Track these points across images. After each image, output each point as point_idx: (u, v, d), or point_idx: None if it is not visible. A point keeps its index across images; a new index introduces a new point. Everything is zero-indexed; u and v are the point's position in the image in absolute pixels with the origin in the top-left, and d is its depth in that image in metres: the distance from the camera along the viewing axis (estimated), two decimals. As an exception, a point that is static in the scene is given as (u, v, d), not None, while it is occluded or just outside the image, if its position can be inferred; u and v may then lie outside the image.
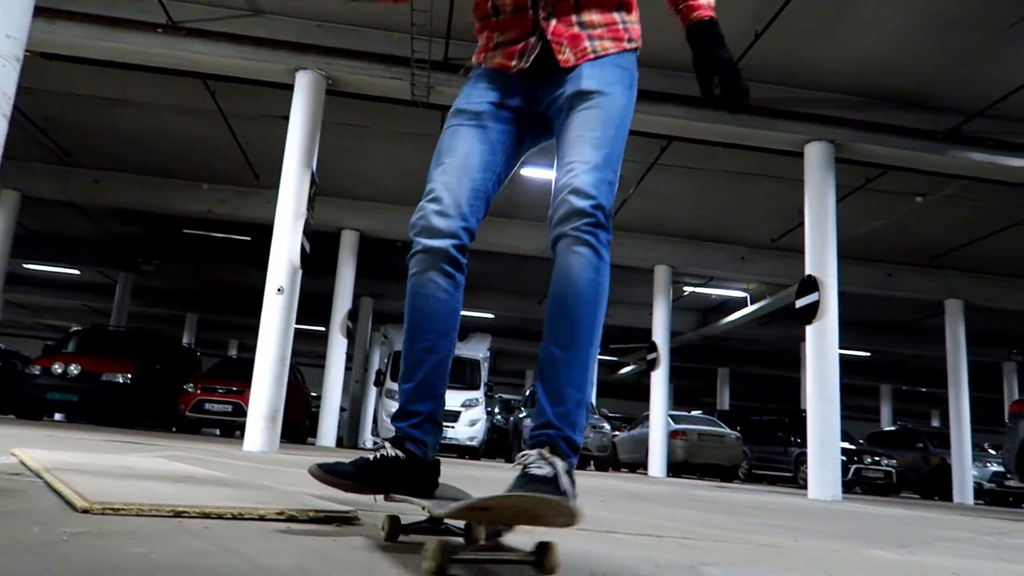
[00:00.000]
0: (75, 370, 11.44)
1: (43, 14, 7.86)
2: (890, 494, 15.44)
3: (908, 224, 12.89)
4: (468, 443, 14.24)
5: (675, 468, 15.09)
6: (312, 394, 17.21)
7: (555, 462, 1.34)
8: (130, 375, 11.74)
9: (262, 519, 1.66)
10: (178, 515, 1.58)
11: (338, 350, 13.66)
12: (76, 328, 15.60)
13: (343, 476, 1.50)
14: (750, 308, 17.93)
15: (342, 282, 13.93)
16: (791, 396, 22.28)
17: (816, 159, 9.29)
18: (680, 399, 30.33)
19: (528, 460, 1.35)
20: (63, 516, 1.49)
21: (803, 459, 10.71)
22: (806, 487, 8.86)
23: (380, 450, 1.57)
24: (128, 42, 8.33)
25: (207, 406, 12.52)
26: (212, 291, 21.68)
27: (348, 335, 13.96)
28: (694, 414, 18.33)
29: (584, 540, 1.83)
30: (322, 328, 15.91)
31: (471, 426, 14.31)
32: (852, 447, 15.21)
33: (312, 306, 14.52)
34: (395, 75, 8.66)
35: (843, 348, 9.20)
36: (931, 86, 9.01)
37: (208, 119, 10.97)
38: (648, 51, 2.13)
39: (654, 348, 14.95)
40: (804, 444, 9.38)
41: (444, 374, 1.65)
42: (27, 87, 9.65)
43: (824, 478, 8.41)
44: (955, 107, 9.25)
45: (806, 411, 9.05)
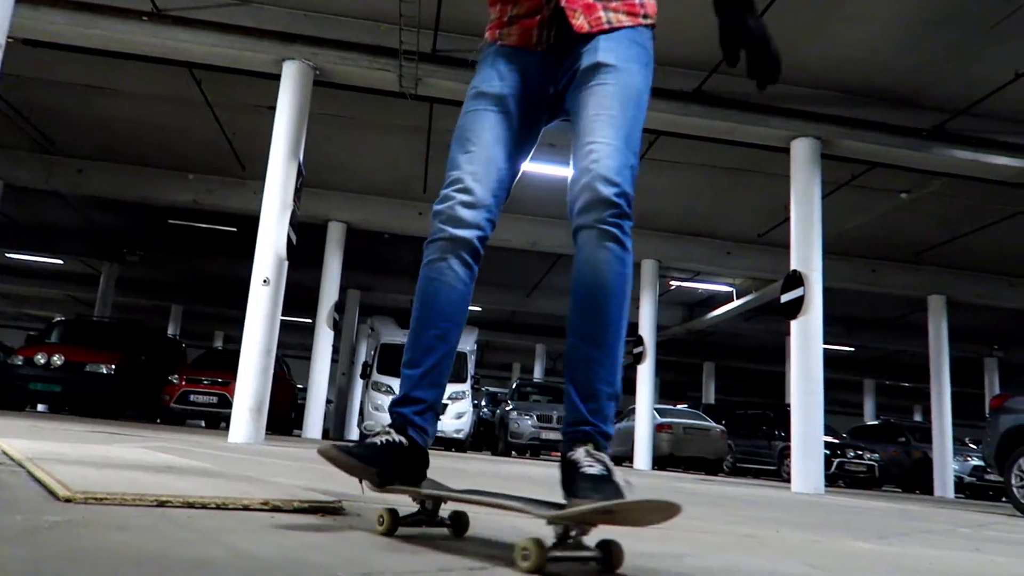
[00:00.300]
0: (58, 361, 11.34)
1: (26, 0, 7.75)
2: (872, 488, 15.60)
3: (892, 221, 12.98)
4: (455, 435, 14.25)
5: (660, 461, 15.17)
6: (298, 386, 17.17)
7: (604, 459, 1.36)
8: (114, 366, 11.65)
9: (246, 509, 1.66)
10: (161, 504, 1.58)
11: (324, 342, 13.62)
12: (59, 318, 15.44)
13: (355, 457, 1.49)
14: (736, 303, 18.01)
15: (329, 274, 13.88)
16: (776, 390, 22.41)
17: (802, 155, 9.34)
18: (666, 393, 30.43)
19: (578, 458, 1.37)
20: (45, 505, 1.48)
21: (787, 453, 10.79)
22: (790, 480, 8.93)
23: (385, 435, 1.55)
24: (113, 29, 8.24)
25: (192, 397, 12.45)
26: (197, 282, 21.54)
27: (334, 327, 13.92)
28: (680, 408, 18.39)
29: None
30: (308, 320, 15.84)
31: (458, 419, 14.32)
32: (835, 441, 15.36)
33: (298, 298, 14.45)
34: (383, 66, 8.61)
35: (827, 343, 9.28)
36: (916, 84, 9.07)
37: (194, 109, 10.87)
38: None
39: (640, 342, 15.00)
40: (788, 438, 9.45)
41: (451, 364, 1.65)
42: (10, 74, 9.52)
43: (807, 472, 8.48)
44: (939, 105, 9.31)
45: (790, 405, 9.12)
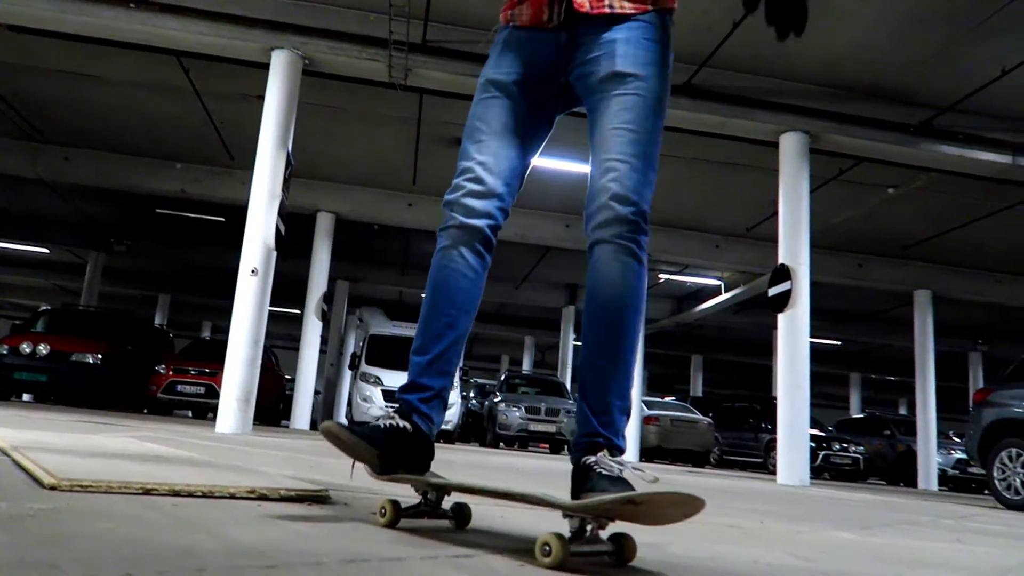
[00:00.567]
0: (44, 350, 11.26)
1: (11, -14, 7.68)
2: (857, 480, 15.74)
3: (879, 215, 13.06)
4: (443, 426, 14.27)
5: (648, 453, 15.26)
6: (286, 377, 17.13)
7: (622, 462, 1.41)
8: (100, 355, 11.58)
9: (233, 497, 1.67)
10: (147, 492, 1.58)
11: (313, 333, 13.57)
12: (45, 307, 15.32)
13: (358, 435, 1.48)
14: (724, 296, 18.08)
15: (317, 264, 13.83)
16: (763, 384, 22.54)
17: (791, 149, 9.37)
18: (654, 386, 30.58)
19: (594, 460, 1.41)
20: (30, 493, 1.48)
21: (773, 445, 10.87)
22: (775, 473, 9.01)
23: (389, 419, 1.54)
24: (100, 16, 8.13)
25: (179, 387, 12.40)
26: (185, 272, 21.40)
27: (323, 318, 13.88)
28: (667, 400, 18.49)
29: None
30: (297, 311, 15.78)
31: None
32: (821, 434, 15.49)
33: (287, 288, 14.38)
34: (372, 56, 8.57)
35: (814, 337, 9.33)
36: (904, 80, 9.10)
37: (182, 97, 10.78)
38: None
39: (629, 335, 15.03)
40: (774, 431, 9.52)
41: (460, 352, 1.65)
42: (-5, 60, 9.42)
43: (793, 464, 8.54)
44: (927, 101, 9.36)
45: (777, 398, 9.18)
